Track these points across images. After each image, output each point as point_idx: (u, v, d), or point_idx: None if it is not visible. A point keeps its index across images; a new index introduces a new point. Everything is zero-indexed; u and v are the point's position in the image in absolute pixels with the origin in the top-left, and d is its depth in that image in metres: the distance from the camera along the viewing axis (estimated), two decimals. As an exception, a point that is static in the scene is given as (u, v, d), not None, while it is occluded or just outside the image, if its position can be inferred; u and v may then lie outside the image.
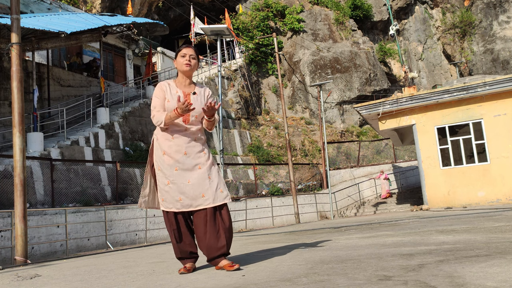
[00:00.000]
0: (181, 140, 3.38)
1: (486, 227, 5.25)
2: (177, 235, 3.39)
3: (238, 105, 26.16)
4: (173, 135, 3.38)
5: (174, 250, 3.46)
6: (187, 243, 3.40)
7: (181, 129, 3.40)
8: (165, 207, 3.38)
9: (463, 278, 2.25)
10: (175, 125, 3.39)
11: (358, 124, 28.27)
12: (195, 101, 3.44)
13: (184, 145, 3.38)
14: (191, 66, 3.46)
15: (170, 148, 3.37)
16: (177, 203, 3.32)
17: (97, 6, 26.85)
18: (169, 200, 3.35)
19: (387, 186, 20.59)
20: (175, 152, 3.36)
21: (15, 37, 7.62)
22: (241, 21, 29.38)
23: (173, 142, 3.38)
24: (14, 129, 7.47)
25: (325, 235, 6.34)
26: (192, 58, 3.47)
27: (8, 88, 16.11)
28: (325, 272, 2.79)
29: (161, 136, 3.42)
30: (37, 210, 10.77)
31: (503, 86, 14.01)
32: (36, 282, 3.69)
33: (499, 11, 30.93)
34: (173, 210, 3.35)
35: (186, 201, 3.31)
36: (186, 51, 3.47)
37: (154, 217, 13.35)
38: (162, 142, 3.40)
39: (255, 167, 20.61)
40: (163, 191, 3.37)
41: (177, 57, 3.51)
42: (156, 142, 3.44)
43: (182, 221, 3.40)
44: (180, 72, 3.51)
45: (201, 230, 3.32)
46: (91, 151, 16.04)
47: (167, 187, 3.35)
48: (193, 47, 3.54)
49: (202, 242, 3.32)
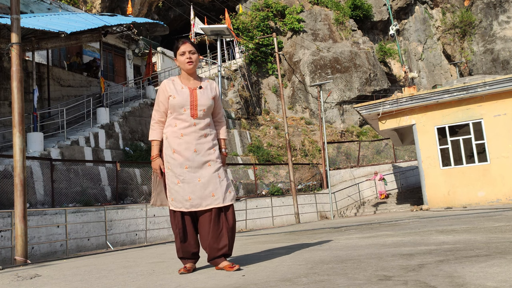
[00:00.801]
0: (191, 137, 3.35)
1: (486, 227, 5.25)
2: (182, 235, 3.36)
3: (238, 105, 26.15)
4: (182, 132, 3.35)
5: (176, 249, 3.44)
6: (191, 244, 3.38)
7: (190, 124, 3.36)
8: (174, 207, 3.35)
9: (463, 278, 2.25)
10: (183, 121, 3.36)
11: (358, 124, 28.27)
12: (201, 95, 3.43)
13: (194, 142, 3.35)
14: (194, 63, 3.44)
15: (179, 146, 3.34)
16: (187, 202, 3.30)
17: (97, 6, 26.84)
18: (178, 200, 3.32)
19: (382, 186, 20.36)
20: (184, 150, 3.33)
21: (15, 37, 7.62)
22: (241, 21, 29.38)
23: (182, 139, 3.34)
24: (14, 129, 7.47)
25: (325, 235, 6.34)
26: (192, 53, 3.44)
27: (8, 88, 16.11)
28: (325, 272, 2.79)
29: (170, 134, 3.38)
30: (37, 210, 10.77)
31: (503, 86, 14.01)
32: (36, 282, 3.69)
33: (499, 11, 30.93)
34: (182, 210, 3.32)
35: (195, 201, 3.29)
36: (184, 48, 3.44)
37: (154, 217, 13.35)
38: (172, 140, 3.37)
39: (255, 167, 20.60)
40: (173, 190, 3.34)
41: (176, 55, 3.48)
42: (166, 141, 3.40)
43: (189, 221, 3.38)
44: (183, 70, 3.48)
45: (205, 229, 3.31)
46: (91, 151, 16.04)
47: (177, 187, 3.32)
48: (189, 41, 3.50)
49: (205, 241, 3.31)
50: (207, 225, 3.31)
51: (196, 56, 3.47)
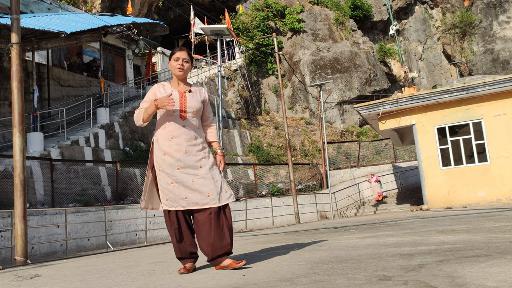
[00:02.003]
0: (181, 139, 3.40)
1: (486, 227, 5.25)
2: (178, 235, 3.39)
3: (238, 105, 26.15)
4: (172, 134, 3.41)
5: (174, 250, 3.46)
6: (187, 243, 3.40)
7: (179, 126, 3.41)
8: (169, 206, 3.37)
9: (463, 278, 2.25)
10: (173, 122, 3.42)
11: (358, 124, 28.27)
12: (191, 98, 3.50)
13: (184, 143, 3.40)
14: (184, 70, 3.52)
15: (170, 147, 3.39)
16: (183, 201, 3.32)
17: (97, 6, 26.84)
18: (173, 199, 3.35)
19: (378, 188, 20.12)
20: (175, 151, 3.37)
21: (15, 37, 7.62)
22: (241, 21, 29.38)
23: (173, 141, 3.39)
24: (14, 129, 7.47)
25: (325, 235, 6.34)
26: (185, 61, 3.52)
27: (8, 88, 16.11)
28: (325, 272, 2.79)
29: (161, 137, 3.44)
30: (37, 210, 10.77)
31: (503, 86, 14.00)
32: (36, 282, 3.69)
33: (499, 11, 30.94)
34: (178, 208, 3.34)
35: (192, 199, 3.32)
36: (179, 55, 3.51)
37: (154, 217, 13.35)
38: (162, 142, 3.42)
39: (255, 167, 20.60)
40: (167, 190, 3.37)
41: (171, 59, 3.56)
42: (156, 144, 3.46)
43: (183, 220, 3.41)
44: (174, 75, 3.58)
45: (205, 229, 3.32)
46: (91, 151, 16.04)
47: (170, 186, 3.35)
48: (186, 49, 3.57)
49: (205, 241, 3.32)
50: (207, 225, 3.32)
51: (188, 65, 3.54)
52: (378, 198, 19.99)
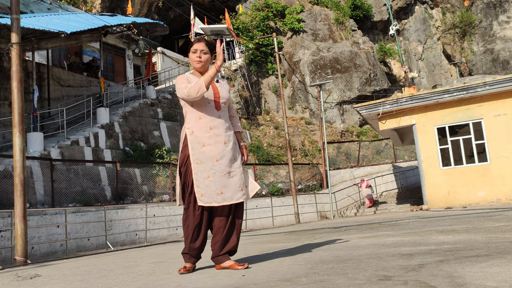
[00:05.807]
0: (219, 129, 3.34)
1: (486, 227, 5.25)
2: (196, 233, 3.31)
3: (238, 105, 26.16)
4: (210, 125, 3.33)
5: (184, 244, 3.39)
6: (198, 245, 3.34)
7: (215, 117, 3.35)
8: (204, 202, 3.26)
9: (463, 278, 2.25)
10: (209, 114, 3.34)
11: (358, 124, 28.26)
12: (221, 88, 3.48)
13: (223, 134, 3.34)
14: (202, 62, 3.42)
15: (210, 139, 3.30)
16: (218, 196, 3.25)
17: (97, 6, 26.84)
18: (208, 195, 3.26)
19: (369, 194, 19.78)
20: (215, 143, 3.31)
21: (15, 37, 7.62)
22: (241, 21, 29.38)
23: (212, 132, 3.32)
24: (14, 129, 7.47)
25: (325, 235, 6.34)
26: (203, 53, 3.42)
27: (8, 88, 16.11)
28: (325, 272, 2.79)
29: (197, 129, 3.33)
30: (37, 210, 10.77)
31: (503, 86, 14.00)
32: (36, 282, 3.69)
33: (499, 11, 30.93)
34: (213, 204, 3.26)
35: (227, 194, 3.26)
36: (197, 47, 3.42)
37: (154, 217, 13.35)
38: (200, 134, 3.32)
39: (255, 167, 20.60)
40: (203, 185, 3.27)
41: (189, 52, 3.48)
42: (192, 136, 3.32)
43: (206, 218, 3.33)
44: (194, 68, 3.50)
45: (222, 224, 3.32)
46: (91, 151, 16.04)
47: (207, 181, 3.26)
48: (204, 40, 3.49)
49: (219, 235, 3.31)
50: (224, 220, 3.32)
51: (208, 56, 3.44)
52: (370, 204, 19.64)
